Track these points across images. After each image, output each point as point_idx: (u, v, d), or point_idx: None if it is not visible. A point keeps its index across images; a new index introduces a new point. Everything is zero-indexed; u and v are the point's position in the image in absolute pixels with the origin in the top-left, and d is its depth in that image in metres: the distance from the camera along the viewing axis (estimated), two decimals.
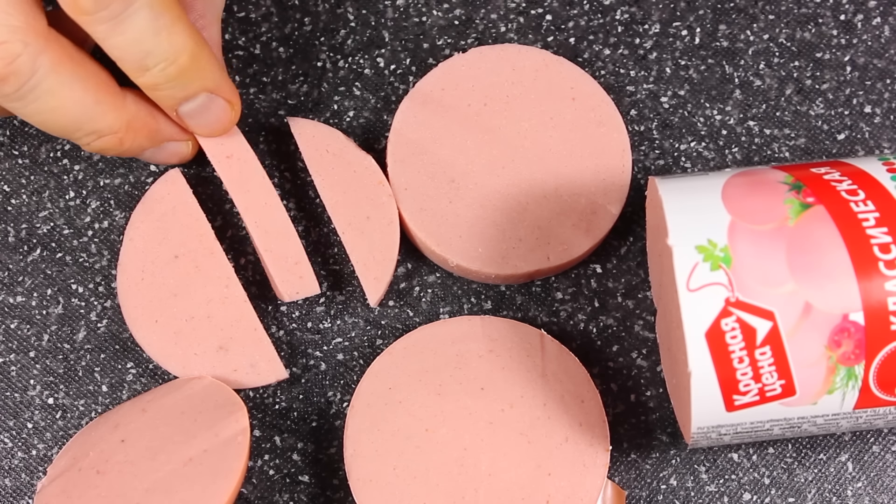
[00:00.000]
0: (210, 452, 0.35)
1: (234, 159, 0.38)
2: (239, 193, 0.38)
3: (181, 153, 0.38)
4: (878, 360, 0.31)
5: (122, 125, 0.35)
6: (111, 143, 0.35)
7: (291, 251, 0.38)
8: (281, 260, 0.38)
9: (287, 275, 0.38)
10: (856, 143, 0.42)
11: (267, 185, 0.38)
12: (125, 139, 0.35)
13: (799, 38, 0.43)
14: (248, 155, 0.38)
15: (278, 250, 0.38)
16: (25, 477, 0.39)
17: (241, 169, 0.38)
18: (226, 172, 0.38)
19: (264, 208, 0.38)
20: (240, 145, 0.38)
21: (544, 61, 0.41)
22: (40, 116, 0.33)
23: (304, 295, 0.38)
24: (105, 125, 0.34)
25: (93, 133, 0.35)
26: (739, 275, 0.31)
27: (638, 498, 0.38)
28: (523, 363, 0.38)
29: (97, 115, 0.34)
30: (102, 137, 0.35)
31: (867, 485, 0.38)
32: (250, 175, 0.38)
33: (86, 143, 0.35)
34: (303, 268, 0.38)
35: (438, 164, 0.40)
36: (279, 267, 0.38)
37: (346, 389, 0.39)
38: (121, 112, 0.35)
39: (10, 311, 0.40)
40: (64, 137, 0.35)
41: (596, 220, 0.39)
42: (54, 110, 0.33)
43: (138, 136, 0.36)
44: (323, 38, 0.43)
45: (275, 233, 0.38)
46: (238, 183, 0.38)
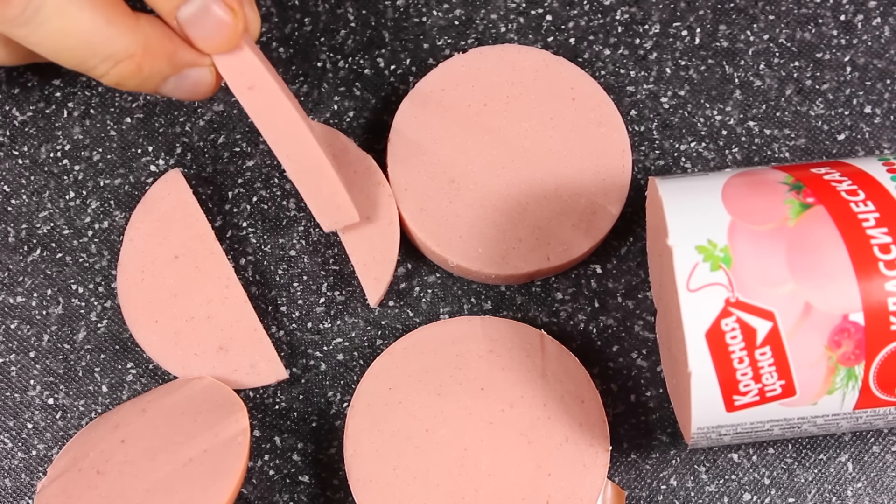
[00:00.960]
0: (210, 453, 0.35)
1: (257, 91, 0.35)
2: (266, 127, 0.36)
3: (205, 82, 0.35)
4: (878, 360, 0.31)
5: (138, 47, 0.33)
6: (129, 69, 0.33)
7: (326, 182, 0.37)
8: (316, 191, 0.37)
9: (325, 205, 0.37)
10: (856, 144, 0.42)
11: (294, 116, 0.36)
12: (143, 63, 0.33)
13: (799, 39, 0.43)
14: (271, 84, 0.35)
15: (313, 182, 0.37)
16: (25, 477, 0.39)
17: (264, 101, 0.35)
18: (250, 105, 0.35)
19: (294, 141, 0.36)
20: (260, 74, 0.35)
21: (544, 61, 0.41)
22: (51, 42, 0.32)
23: (343, 223, 0.37)
24: (121, 47, 0.33)
25: (109, 58, 0.33)
26: (739, 275, 0.31)
27: (638, 498, 0.38)
28: (523, 363, 0.38)
29: (111, 36, 0.32)
30: (120, 63, 0.33)
31: (867, 485, 0.38)
32: (275, 107, 0.35)
33: (103, 71, 0.33)
34: (339, 198, 0.37)
35: (438, 164, 0.40)
36: (315, 198, 0.37)
37: (346, 390, 0.39)
38: (136, 33, 0.33)
39: (10, 312, 0.40)
40: (77, 68, 0.33)
41: (596, 220, 0.39)
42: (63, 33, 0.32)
43: (157, 60, 0.34)
44: (323, 39, 0.43)
45: (308, 165, 0.36)
46: (263, 116, 0.36)
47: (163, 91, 0.35)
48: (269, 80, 0.35)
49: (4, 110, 0.42)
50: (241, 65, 0.35)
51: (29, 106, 0.42)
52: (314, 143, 0.36)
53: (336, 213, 0.37)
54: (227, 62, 0.35)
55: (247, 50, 0.35)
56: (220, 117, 0.42)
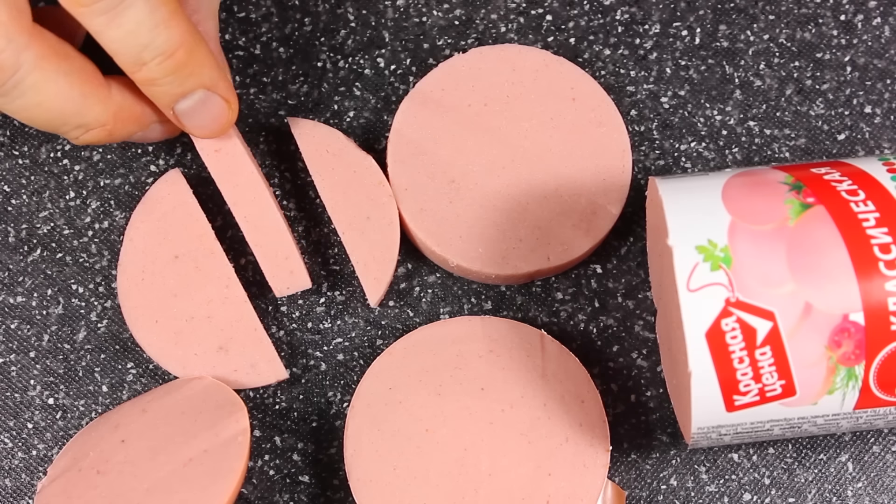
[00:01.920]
0: (210, 453, 0.35)
1: (223, 153, 0.37)
2: (228, 188, 0.37)
3: (170, 129, 0.37)
4: (878, 360, 0.31)
5: (109, 117, 0.34)
6: (100, 136, 0.35)
7: (282, 246, 0.38)
8: (271, 255, 0.38)
9: (277, 270, 0.38)
10: (856, 144, 0.42)
11: (256, 179, 0.37)
12: (114, 130, 0.35)
13: (799, 39, 0.43)
14: (237, 149, 0.37)
15: (268, 245, 0.38)
16: (25, 477, 0.39)
17: (229, 163, 0.37)
18: (214, 166, 0.37)
19: (253, 203, 0.37)
20: (229, 139, 0.37)
21: (544, 61, 0.41)
22: (26, 112, 0.33)
23: (295, 290, 0.38)
24: (92, 118, 0.34)
25: (80, 126, 0.34)
26: (740, 275, 0.31)
27: (638, 498, 0.38)
28: (523, 363, 0.38)
29: (84, 108, 0.34)
30: (91, 131, 0.35)
31: (867, 485, 0.38)
32: (239, 169, 0.37)
33: (74, 136, 0.35)
34: (293, 262, 0.38)
35: (438, 164, 0.40)
36: (269, 262, 0.38)
37: (346, 390, 0.39)
38: (107, 104, 0.34)
39: (10, 312, 0.40)
40: (51, 132, 0.35)
41: (596, 220, 0.39)
42: (40, 105, 0.33)
43: (127, 125, 0.35)
44: (323, 39, 0.43)
45: (264, 228, 0.38)
46: (227, 177, 0.37)
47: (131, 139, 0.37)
48: (235, 143, 0.37)
49: None
50: None
51: None
52: (274, 207, 0.37)
53: (288, 279, 0.38)
54: None
55: None
56: None
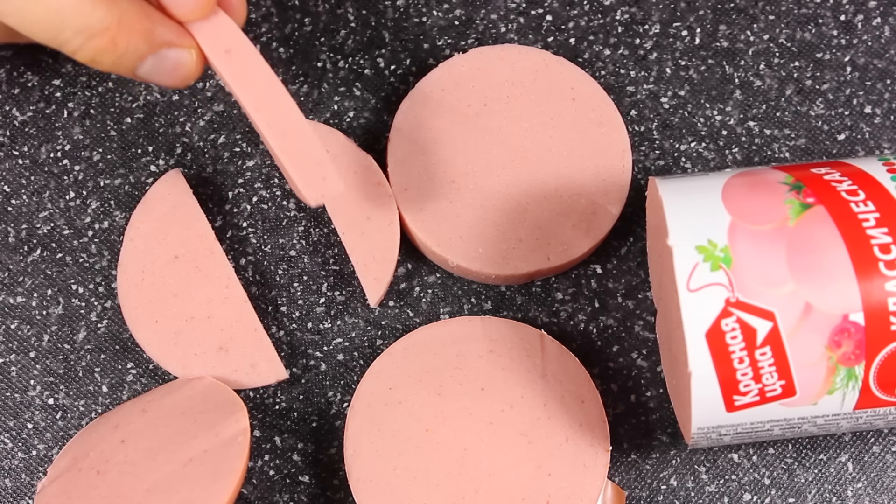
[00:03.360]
0: (210, 453, 0.35)
1: (234, 54, 0.34)
2: (245, 92, 0.34)
3: (185, 65, 0.34)
4: (878, 360, 0.31)
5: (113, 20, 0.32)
6: (103, 44, 0.32)
7: (311, 150, 0.34)
8: (301, 162, 0.34)
9: (310, 176, 0.34)
10: (856, 144, 0.42)
11: (274, 80, 0.34)
12: (118, 39, 0.32)
13: (799, 39, 0.43)
14: (249, 48, 0.34)
15: (297, 151, 0.34)
16: (25, 477, 0.39)
17: (242, 65, 0.34)
18: (227, 69, 0.34)
19: (275, 106, 0.34)
20: (238, 38, 0.34)
21: (544, 62, 0.41)
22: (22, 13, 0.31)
23: (330, 196, 0.34)
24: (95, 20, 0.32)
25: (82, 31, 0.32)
26: (740, 275, 0.31)
27: (638, 498, 0.38)
28: (523, 364, 0.38)
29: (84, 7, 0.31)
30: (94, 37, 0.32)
31: (867, 485, 0.38)
32: (254, 70, 0.34)
33: (76, 45, 0.32)
34: (325, 167, 0.34)
35: (438, 164, 0.40)
36: (301, 169, 0.34)
37: (346, 390, 0.39)
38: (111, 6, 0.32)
39: (10, 312, 0.40)
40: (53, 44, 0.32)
41: (596, 220, 0.39)
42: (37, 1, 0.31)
43: (133, 36, 0.32)
44: (323, 39, 0.43)
45: (291, 132, 0.34)
46: (242, 81, 0.33)
47: (140, 73, 0.34)
48: (246, 43, 0.34)
49: (4, 110, 0.42)
50: (217, 29, 0.33)
51: (29, 106, 0.42)
52: (296, 108, 0.34)
53: (321, 185, 0.34)
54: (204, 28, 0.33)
55: (223, 15, 0.33)
56: (220, 117, 0.42)
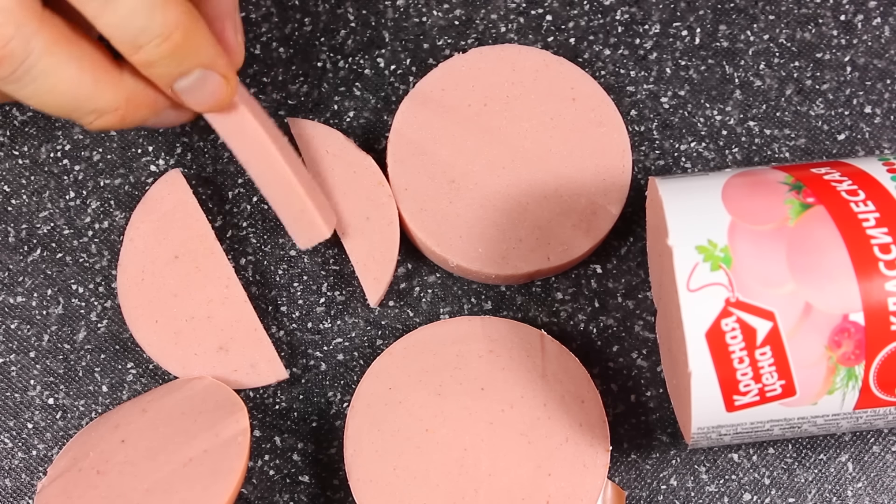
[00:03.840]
0: (210, 453, 0.35)
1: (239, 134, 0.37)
2: (237, 148, 0.37)
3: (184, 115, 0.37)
4: (878, 360, 0.31)
5: (121, 101, 0.34)
6: (113, 121, 0.35)
7: (295, 201, 0.37)
8: (288, 211, 0.37)
9: (297, 225, 0.38)
10: (856, 144, 0.42)
11: (262, 136, 0.36)
12: (126, 115, 0.35)
13: (799, 39, 0.43)
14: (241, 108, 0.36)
15: (284, 202, 0.37)
16: (25, 477, 0.39)
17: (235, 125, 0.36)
18: (221, 128, 0.36)
19: (263, 162, 0.37)
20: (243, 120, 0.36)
21: (544, 61, 0.41)
22: (38, 98, 0.33)
23: (318, 240, 0.38)
24: (104, 103, 0.34)
25: (93, 112, 0.34)
26: (740, 275, 0.31)
27: (638, 498, 0.38)
28: (523, 363, 0.38)
29: (96, 93, 0.34)
30: (103, 116, 0.34)
31: (867, 485, 0.38)
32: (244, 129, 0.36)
33: (88, 122, 0.35)
34: (309, 215, 0.37)
35: (438, 164, 0.40)
36: (289, 219, 0.37)
37: (346, 390, 0.39)
38: (119, 88, 0.34)
39: (10, 312, 0.40)
40: (64, 117, 0.35)
41: (596, 220, 0.39)
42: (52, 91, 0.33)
43: (140, 110, 0.35)
44: (323, 39, 0.43)
45: (277, 185, 0.37)
46: (234, 138, 0.37)
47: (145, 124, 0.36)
48: (251, 123, 0.36)
49: (4, 110, 0.42)
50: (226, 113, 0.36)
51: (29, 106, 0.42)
52: (283, 165, 0.37)
53: (309, 231, 0.38)
54: None
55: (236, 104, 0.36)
56: None
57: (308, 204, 0.37)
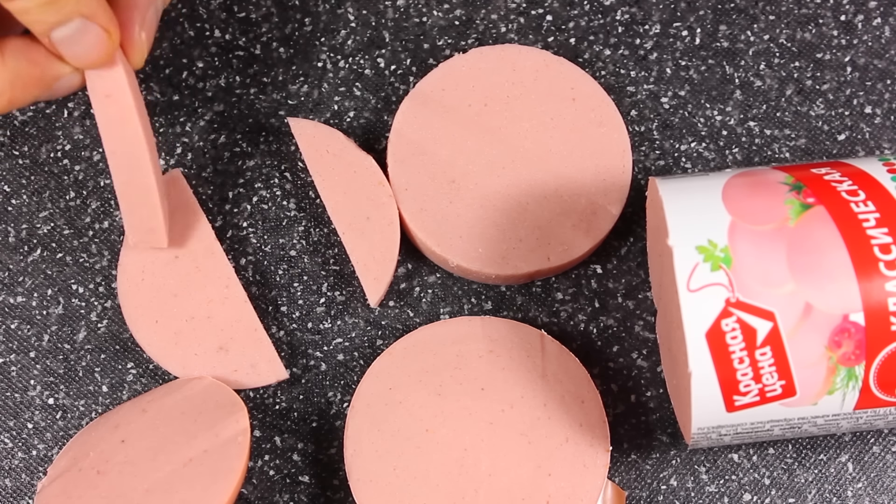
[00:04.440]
0: (210, 453, 0.35)
1: (113, 100, 0.35)
2: (108, 136, 0.35)
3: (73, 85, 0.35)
4: (878, 360, 0.31)
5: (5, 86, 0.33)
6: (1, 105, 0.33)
7: (148, 205, 0.37)
8: (136, 211, 0.37)
9: (139, 225, 0.37)
10: (856, 144, 0.42)
11: (138, 133, 0.35)
12: (14, 98, 0.33)
13: (799, 39, 0.43)
14: (127, 98, 0.35)
15: (135, 201, 0.37)
16: (26, 477, 0.39)
17: (116, 111, 0.35)
18: (101, 111, 0.35)
19: (130, 157, 0.36)
20: (121, 86, 0.35)
21: (545, 62, 0.41)
22: None
23: (153, 246, 0.38)
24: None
25: None
26: (740, 275, 0.31)
27: (638, 498, 0.38)
28: (523, 364, 0.38)
29: None
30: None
31: (867, 485, 0.38)
32: (124, 119, 0.35)
33: None
34: (155, 222, 0.37)
35: (439, 164, 0.40)
36: (132, 217, 0.37)
37: (346, 390, 0.39)
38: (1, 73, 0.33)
39: (10, 312, 0.40)
40: None
41: (596, 220, 0.39)
42: None
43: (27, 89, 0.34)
44: (323, 39, 0.43)
45: (135, 185, 0.36)
46: (110, 125, 0.35)
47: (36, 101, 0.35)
48: (126, 95, 0.35)
49: None
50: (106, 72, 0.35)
51: (29, 106, 0.42)
52: (148, 165, 0.36)
53: (146, 234, 0.38)
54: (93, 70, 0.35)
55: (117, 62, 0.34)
56: (220, 117, 0.42)
57: (159, 212, 0.37)
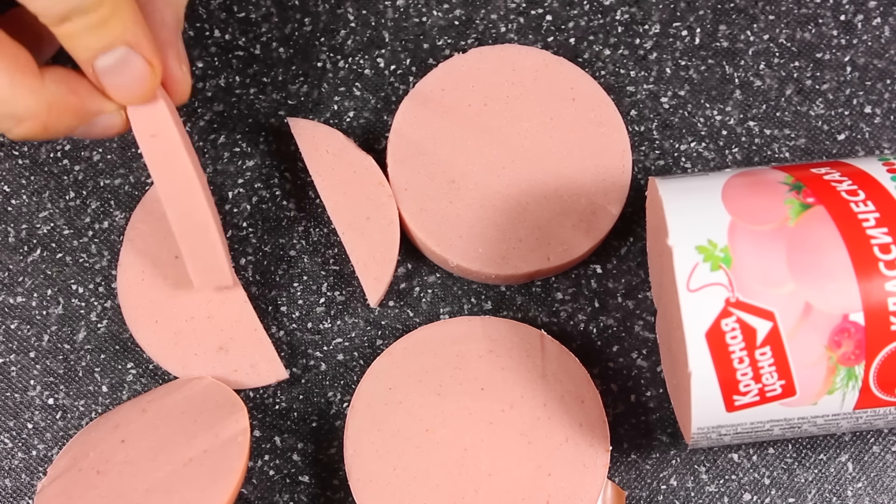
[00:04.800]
0: (210, 453, 0.35)
1: (159, 139, 0.35)
2: (159, 175, 0.35)
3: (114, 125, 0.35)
4: (878, 360, 0.31)
5: (41, 108, 0.33)
6: (34, 128, 0.33)
7: (207, 241, 0.37)
8: (196, 249, 0.37)
9: (200, 264, 0.37)
10: (856, 144, 0.42)
11: (188, 170, 0.35)
12: (48, 123, 0.33)
13: (799, 39, 0.43)
14: (174, 136, 0.35)
15: (194, 238, 0.37)
16: (25, 477, 0.39)
17: (164, 149, 0.35)
18: (148, 151, 0.35)
19: (183, 194, 0.36)
20: (166, 124, 0.35)
21: (544, 62, 0.41)
22: None
23: (218, 285, 0.38)
24: (23, 108, 0.32)
25: (11, 118, 0.33)
26: (739, 275, 0.31)
27: (638, 498, 0.38)
28: (523, 363, 0.38)
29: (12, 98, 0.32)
30: (23, 123, 0.33)
31: (867, 485, 0.38)
32: (173, 157, 0.35)
33: (6, 129, 0.33)
34: (217, 258, 0.37)
35: (438, 164, 0.40)
36: (194, 256, 0.37)
37: (346, 390, 0.39)
38: (39, 94, 0.32)
39: (10, 312, 0.40)
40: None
41: (596, 220, 0.39)
42: None
43: (63, 117, 0.33)
44: (323, 39, 0.43)
45: (192, 221, 0.36)
46: (160, 164, 0.35)
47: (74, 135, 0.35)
48: (173, 131, 0.35)
49: None
50: (149, 111, 0.34)
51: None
52: (203, 203, 0.36)
53: (210, 274, 0.38)
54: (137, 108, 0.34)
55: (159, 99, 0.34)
56: (220, 117, 0.42)
57: (220, 248, 0.37)
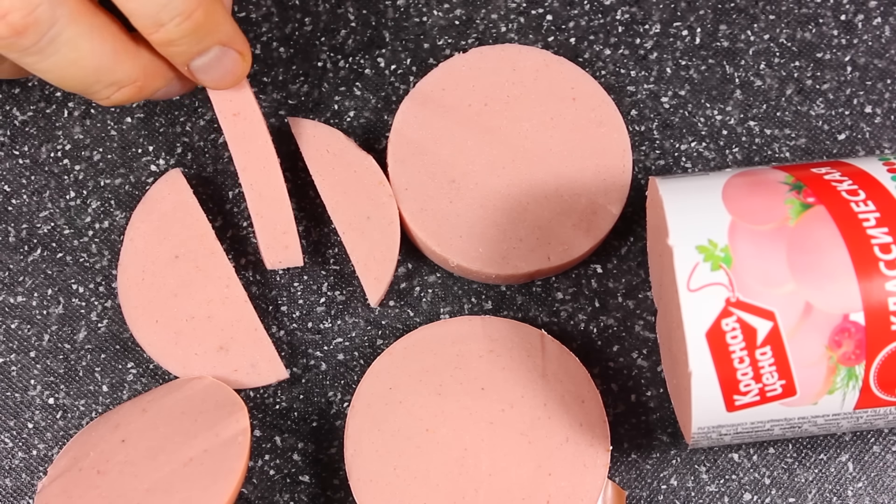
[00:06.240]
0: (210, 452, 0.35)
1: (241, 118, 0.37)
2: (239, 153, 0.37)
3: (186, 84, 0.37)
4: (878, 360, 0.31)
5: (139, 73, 0.34)
6: (131, 93, 0.34)
7: (281, 219, 0.38)
8: (269, 226, 0.38)
9: (273, 242, 0.38)
10: (856, 144, 0.42)
11: (269, 148, 0.37)
12: (144, 86, 0.34)
13: (799, 39, 0.43)
14: (256, 115, 0.37)
15: (269, 216, 0.38)
16: (26, 477, 0.39)
17: (245, 128, 0.37)
18: (230, 130, 0.37)
19: (262, 171, 0.37)
20: (249, 104, 0.37)
21: (545, 61, 0.41)
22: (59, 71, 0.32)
23: (288, 265, 0.39)
24: (124, 75, 0.33)
25: (113, 84, 0.34)
26: (740, 275, 0.31)
27: (638, 498, 0.38)
28: (524, 363, 0.38)
29: (115, 64, 0.33)
30: (122, 89, 0.34)
31: (867, 485, 0.38)
32: (254, 136, 0.37)
33: (105, 95, 0.34)
34: (289, 238, 0.38)
35: (439, 164, 0.40)
36: (266, 233, 0.38)
37: (346, 389, 0.39)
38: (136, 60, 0.34)
39: (10, 311, 0.40)
40: (80, 92, 0.34)
41: (596, 220, 0.39)
42: (74, 63, 0.32)
43: (155, 80, 0.35)
44: (323, 38, 0.43)
45: (268, 198, 0.38)
46: (240, 142, 0.37)
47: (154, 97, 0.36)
48: (255, 109, 0.37)
49: (5, 110, 0.42)
50: (232, 91, 0.36)
51: (29, 105, 0.42)
52: (281, 178, 0.37)
53: (282, 253, 0.38)
54: None
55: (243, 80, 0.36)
56: None
57: (293, 227, 0.38)
